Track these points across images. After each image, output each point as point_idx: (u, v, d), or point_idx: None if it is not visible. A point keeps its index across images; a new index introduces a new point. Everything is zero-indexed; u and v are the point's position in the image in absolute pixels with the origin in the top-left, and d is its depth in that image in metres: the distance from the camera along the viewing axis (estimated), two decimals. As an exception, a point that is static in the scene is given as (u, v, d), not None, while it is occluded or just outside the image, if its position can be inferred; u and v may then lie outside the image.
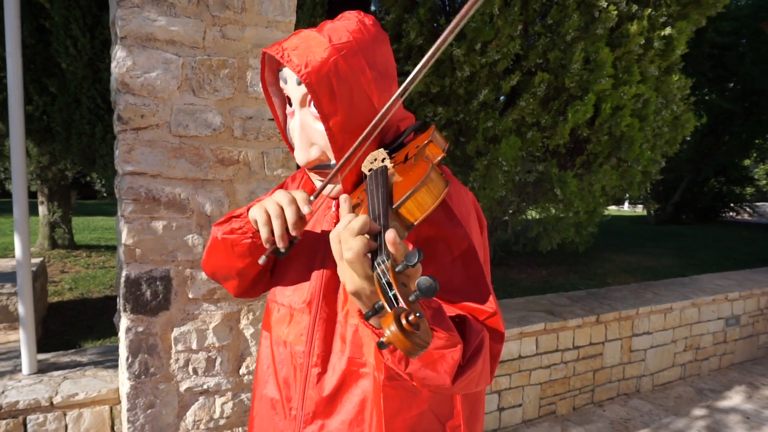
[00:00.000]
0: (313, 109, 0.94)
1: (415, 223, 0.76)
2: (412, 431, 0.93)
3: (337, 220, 1.00)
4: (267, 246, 0.88)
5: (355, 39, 0.93)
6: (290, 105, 0.99)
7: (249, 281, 1.08)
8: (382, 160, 0.87)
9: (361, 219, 0.68)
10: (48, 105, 4.29)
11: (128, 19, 1.80)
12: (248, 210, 0.96)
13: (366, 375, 0.95)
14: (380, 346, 0.59)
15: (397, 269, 0.62)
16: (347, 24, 0.95)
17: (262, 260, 0.90)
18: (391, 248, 0.64)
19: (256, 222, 0.90)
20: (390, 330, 0.57)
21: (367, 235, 0.68)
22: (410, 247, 0.72)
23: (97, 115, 4.13)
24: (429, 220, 0.86)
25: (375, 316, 0.64)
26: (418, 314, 0.58)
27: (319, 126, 0.94)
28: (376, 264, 0.65)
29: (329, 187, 0.97)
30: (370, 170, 0.87)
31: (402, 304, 0.59)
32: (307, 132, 0.95)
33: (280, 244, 0.87)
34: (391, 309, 0.59)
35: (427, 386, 0.78)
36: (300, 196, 0.88)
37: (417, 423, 0.94)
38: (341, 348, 0.96)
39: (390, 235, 0.64)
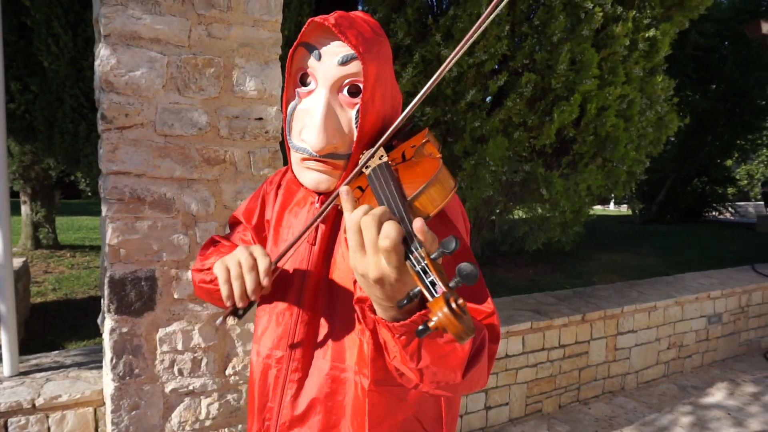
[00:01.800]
0: (345, 94, 0.90)
1: (427, 219, 0.74)
2: None
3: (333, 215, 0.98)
4: (227, 304, 0.87)
5: (382, 33, 0.94)
6: (303, 85, 0.93)
7: None
8: (380, 157, 0.86)
9: (381, 208, 0.65)
10: (30, 103, 4.23)
11: (112, 17, 1.78)
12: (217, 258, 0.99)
13: (347, 380, 0.92)
14: (419, 333, 0.58)
15: (433, 256, 0.61)
16: (367, 18, 0.94)
17: (219, 322, 0.91)
18: (420, 236, 0.62)
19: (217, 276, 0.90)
20: (442, 312, 0.56)
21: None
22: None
23: (81, 113, 4.08)
24: None
25: (407, 304, 0.62)
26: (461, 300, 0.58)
27: (348, 114, 0.91)
28: (408, 252, 0.63)
29: (327, 178, 0.93)
30: (367, 167, 0.85)
31: (442, 288, 0.58)
32: (333, 117, 0.90)
33: (239, 304, 0.86)
34: (430, 294, 0.59)
35: (436, 383, 0.74)
36: (263, 265, 0.86)
37: (401, 429, 0.92)
38: (323, 352, 0.94)
39: (419, 223, 0.62)
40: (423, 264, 0.61)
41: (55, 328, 4.41)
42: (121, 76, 1.82)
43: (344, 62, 0.88)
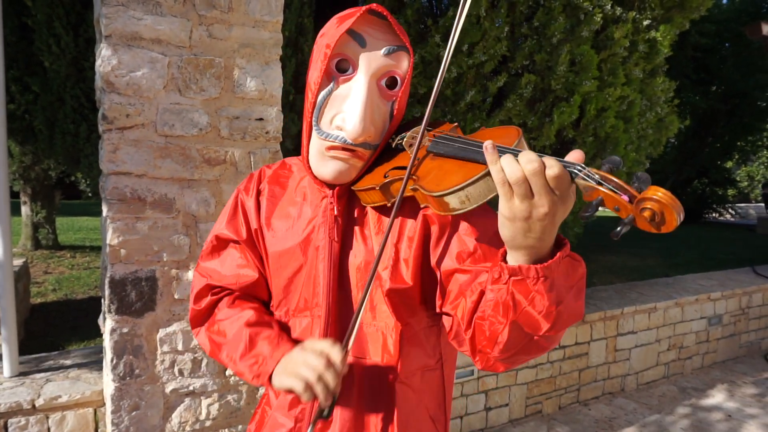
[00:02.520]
0: (383, 85, 0.91)
1: None
2: (410, 424, 0.96)
3: (339, 208, 0.96)
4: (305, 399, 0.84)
5: None
6: (340, 72, 0.91)
7: None
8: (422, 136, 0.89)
9: (526, 153, 0.67)
10: (30, 104, 4.23)
11: (113, 17, 1.79)
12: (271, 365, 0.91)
13: (370, 374, 0.95)
14: (623, 229, 0.63)
15: (604, 168, 0.66)
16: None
17: (310, 430, 0.87)
18: (578, 161, 0.67)
19: (287, 390, 0.87)
20: (662, 192, 0.60)
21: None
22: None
23: (82, 114, 4.09)
24: None
25: (591, 214, 0.65)
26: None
27: (384, 105, 0.92)
28: (576, 171, 0.66)
29: (350, 168, 0.93)
30: (411, 145, 0.88)
31: (627, 189, 0.64)
32: (373, 106, 0.90)
33: (325, 405, 0.84)
34: (617, 194, 0.64)
35: (564, 323, 0.74)
36: (337, 357, 0.82)
37: (414, 414, 0.96)
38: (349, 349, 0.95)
39: (577, 153, 0.68)
40: (597, 177, 0.65)
41: (55, 328, 4.41)
42: (122, 76, 1.82)
43: (390, 53, 0.89)
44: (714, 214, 16.07)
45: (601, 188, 0.64)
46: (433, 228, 0.91)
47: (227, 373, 2.08)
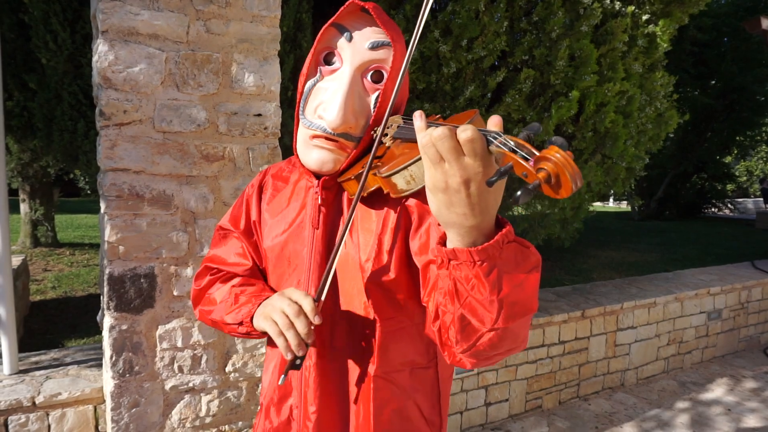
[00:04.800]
0: (368, 79, 0.92)
1: None
2: (396, 421, 0.95)
3: (324, 198, 0.97)
4: (286, 357, 0.85)
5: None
6: (327, 64, 0.94)
7: None
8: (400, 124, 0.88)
9: (446, 126, 0.66)
10: (28, 101, 4.21)
11: (110, 12, 1.78)
12: (252, 308, 0.95)
13: (350, 365, 0.95)
14: (524, 195, 0.57)
15: (520, 136, 0.62)
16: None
17: (281, 381, 0.88)
18: (498, 128, 0.64)
19: (264, 331, 0.91)
20: (560, 153, 0.57)
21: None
22: None
23: (79, 111, 4.07)
24: None
25: (498, 180, 0.60)
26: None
27: (368, 98, 0.93)
28: (491, 138, 0.63)
29: (334, 158, 0.93)
30: (385, 134, 0.86)
31: (535, 153, 0.59)
32: (354, 97, 0.91)
33: (298, 352, 0.84)
34: (526, 162, 0.59)
35: (513, 316, 0.69)
36: (308, 306, 0.84)
37: (402, 413, 0.95)
38: (330, 338, 0.95)
39: (496, 119, 0.64)
40: (511, 144, 0.61)
41: (54, 326, 4.41)
42: (119, 72, 1.81)
43: (375, 47, 0.90)
44: (713, 209, 16.08)
45: (512, 155, 0.61)
46: (412, 217, 0.90)
47: (227, 369, 2.08)
